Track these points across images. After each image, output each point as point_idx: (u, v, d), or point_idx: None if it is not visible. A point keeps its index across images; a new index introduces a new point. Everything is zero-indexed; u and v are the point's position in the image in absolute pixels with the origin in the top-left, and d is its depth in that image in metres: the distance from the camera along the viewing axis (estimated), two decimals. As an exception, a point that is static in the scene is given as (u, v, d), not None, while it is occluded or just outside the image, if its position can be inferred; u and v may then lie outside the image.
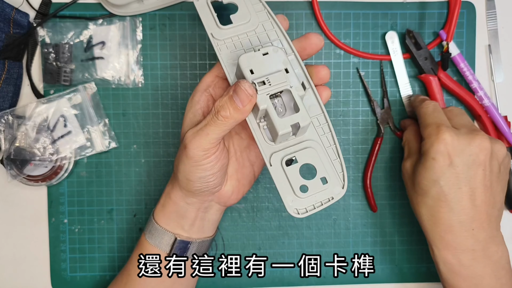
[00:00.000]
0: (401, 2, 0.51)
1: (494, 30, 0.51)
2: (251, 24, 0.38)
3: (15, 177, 0.48)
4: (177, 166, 0.39)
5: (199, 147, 0.36)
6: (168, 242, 0.42)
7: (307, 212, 0.35)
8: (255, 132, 0.36)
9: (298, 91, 0.35)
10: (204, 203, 0.41)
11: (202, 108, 0.39)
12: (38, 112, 0.48)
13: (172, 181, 0.42)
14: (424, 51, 0.49)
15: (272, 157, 0.36)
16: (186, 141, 0.36)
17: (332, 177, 0.36)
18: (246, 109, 0.34)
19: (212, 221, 0.44)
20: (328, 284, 0.52)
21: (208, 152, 0.36)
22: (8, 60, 0.48)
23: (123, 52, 0.49)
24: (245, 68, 0.35)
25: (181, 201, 0.41)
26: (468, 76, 0.50)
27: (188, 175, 0.38)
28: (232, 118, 0.34)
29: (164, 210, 0.42)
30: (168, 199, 0.42)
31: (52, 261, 0.51)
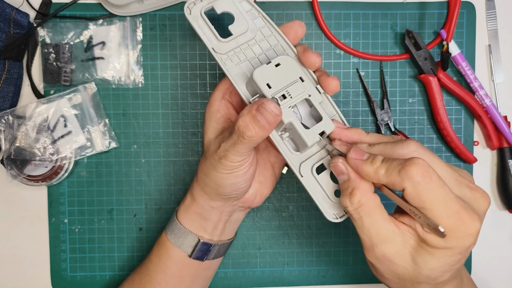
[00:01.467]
0: (401, 2, 0.51)
1: (494, 30, 0.51)
2: (250, 33, 0.38)
3: (16, 177, 0.48)
4: (208, 173, 0.38)
5: (233, 160, 0.36)
6: (190, 243, 0.42)
7: (345, 215, 0.36)
8: (280, 145, 0.36)
9: (317, 98, 0.35)
10: (229, 207, 0.42)
11: (224, 116, 0.39)
12: (38, 112, 0.48)
13: (197, 183, 0.41)
14: (423, 51, 0.49)
15: (301, 168, 0.36)
16: (221, 154, 0.36)
17: None
18: (271, 126, 0.34)
19: (234, 223, 0.44)
20: (328, 284, 0.52)
21: (244, 161, 0.37)
22: (9, 60, 0.48)
23: (123, 52, 0.49)
24: (262, 83, 0.34)
25: (205, 204, 0.41)
26: (469, 76, 0.50)
27: (220, 181, 0.38)
28: (258, 136, 0.34)
29: (187, 211, 0.42)
30: (193, 200, 0.42)
31: (52, 261, 0.51)
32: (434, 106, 0.50)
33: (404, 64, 0.51)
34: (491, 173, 0.52)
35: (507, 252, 0.53)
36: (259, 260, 0.52)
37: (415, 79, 0.51)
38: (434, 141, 0.52)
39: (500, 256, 0.53)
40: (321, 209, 0.36)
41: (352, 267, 0.52)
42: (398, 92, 0.51)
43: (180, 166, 0.51)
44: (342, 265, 0.52)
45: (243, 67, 0.37)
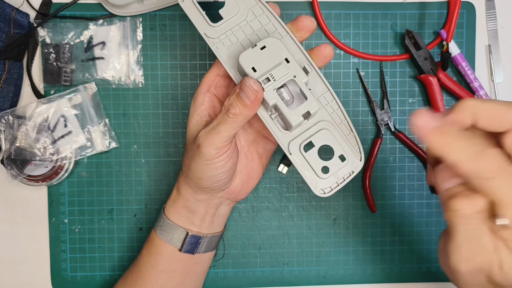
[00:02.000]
0: (401, 2, 0.51)
1: (494, 30, 0.51)
2: (241, 15, 0.38)
3: (16, 177, 0.48)
4: (189, 165, 0.39)
5: (211, 145, 0.36)
6: (179, 237, 0.42)
7: (332, 190, 0.37)
8: (269, 125, 0.37)
9: (302, 79, 0.36)
10: (214, 200, 0.42)
11: (208, 109, 0.40)
12: (38, 112, 0.48)
13: (182, 177, 0.42)
14: (423, 51, 0.49)
15: (290, 146, 0.37)
16: (199, 140, 0.37)
17: (349, 153, 0.37)
18: (254, 105, 0.35)
19: (221, 217, 0.44)
20: (328, 284, 0.52)
21: (220, 151, 0.37)
22: (9, 60, 0.48)
23: (123, 52, 0.49)
24: (247, 67, 0.35)
25: (191, 197, 0.41)
26: (469, 76, 0.50)
27: (200, 174, 0.38)
28: (242, 115, 0.35)
29: (174, 206, 0.43)
30: (179, 194, 0.42)
31: (52, 261, 0.51)
32: (434, 106, 0.50)
33: (404, 64, 0.51)
34: (491, 173, 0.52)
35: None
36: (259, 260, 0.52)
37: (415, 79, 0.51)
38: (434, 141, 0.52)
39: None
40: (309, 185, 0.37)
41: (352, 267, 0.52)
42: (398, 92, 0.51)
43: (180, 166, 0.51)
44: (342, 265, 0.52)
45: (234, 49, 0.37)
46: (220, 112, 0.36)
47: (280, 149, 0.51)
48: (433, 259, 0.52)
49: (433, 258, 0.52)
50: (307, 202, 0.52)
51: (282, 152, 0.51)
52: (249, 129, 0.43)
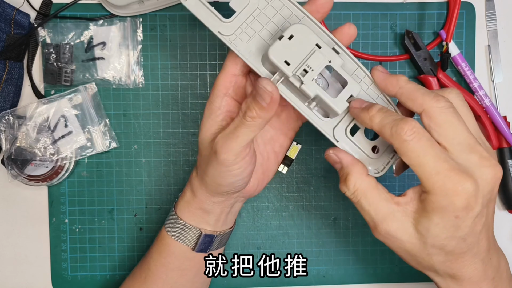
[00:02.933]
0: (400, 2, 0.51)
1: (493, 31, 0.52)
2: (252, 4, 0.35)
3: (16, 177, 0.48)
4: (205, 170, 0.38)
5: (230, 151, 0.34)
6: (192, 237, 0.42)
7: (385, 167, 0.37)
8: (309, 116, 0.36)
9: (337, 62, 0.34)
10: (230, 200, 0.42)
11: (224, 114, 0.37)
12: (39, 112, 0.48)
13: (197, 180, 0.41)
14: (423, 51, 0.50)
15: (335, 133, 0.36)
16: (217, 146, 0.35)
17: None
18: (270, 106, 0.33)
19: (234, 213, 0.44)
20: (328, 284, 0.52)
21: (239, 157, 0.35)
22: (9, 61, 0.48)
23: (123, 52, 0.49)
24: (279, 62, 0.33)
25: (207, 200, 0.41)
26: (468, 76, 0.50)
27: (218, 180, 0.37)
28: (259, 117, 0.33)
29: (189, 207, 0.42)
30: (194, 196, 0.41)
31: (52, 260, 0.51)
32: (434, 106, 0.50)
33: (404, 64, 0.51)
34: (490, 173, 0.53)
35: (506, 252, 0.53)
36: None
37: (414, 79, 0.51)
38: (434, 141, 0.52)
39: (499, 256, 0.53)
40: None
41: (352, 267, 0.52)
42: (398, 92, 0.51)
43: (180, 166, 0.51)
44: (342, 265, 0.52)
45: (253, 43, 0.35)
46: (237, 115, 0.35)
47: (280, 149, 0.51)
48: (432, 259, 0.52)
49: (433, 258, 0.52)
50: (307, 202, 0.52)
51: (282, 152, 0.51)
52: (266, 127, 0.39)
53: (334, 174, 0.52)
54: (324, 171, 0.51)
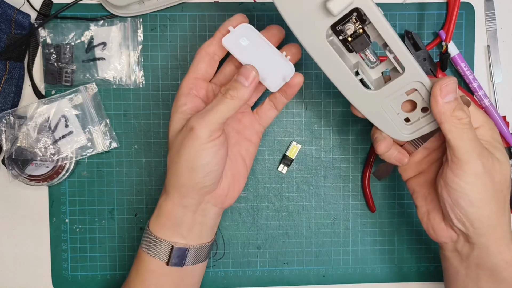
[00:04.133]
0: (400, 3, 0.51)
1: (493, 31, 0.52)
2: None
3: (17, 177, 0.48)
4: (177, 161, 0.39)
5: (206, 126, 0.38)
6: (165, 251, 0.42)
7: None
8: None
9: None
10: (201, 205, 0.41)
11: (191, 109, 0.41)
12: (39, 112, 0.48)
13: (165, 190, 0.42)
14: (423, 51, 0.50)
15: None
16: (193, 123, 0.38)
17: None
18: (251, 86, 0.38)
19: (210, 226, 0.44)
20: (328, 284, 0.52)
21: (214, 134, 0.38)
22: (10, 61, 0.48)
23: (124, 52, 0.49)
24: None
25: (177, 207, 0.41)
26: (468, 76, 0.50)
27: (193, 162, 0.38)
28: (238, 96, 0.38)
29: (159, 221, 0.42)
30: (164, 209, 0.42)
31: (53, 260, 0.51)
32: (433, 106, 0.50)
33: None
34: (490, 173, 0.53)
35: (506, 251, 0.53)
36: (259, 259, 0.52)
37: (414, 79, 0.51)
38: (433, 141, 0.52)
39: (499, 256, 0.53)
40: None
41: (352, 267, 0.52)
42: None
43: (180, 166, 0.51)
44: (342, 265, 0.52)
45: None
46: (215, 97, 0.39)
47: (280, 148, 0.51)
48: (432, 259, 0.53)
49: (433, 257, 0.53)
50: (307, 202, 0.52)
51: (281, 152, 0.51)
52: (231, 132, 0.44)
53: (334, 174, 0.52)
54: (324, 171, 0.52)
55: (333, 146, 0.51)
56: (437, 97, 0.37)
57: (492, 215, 0.38)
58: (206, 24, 0.50)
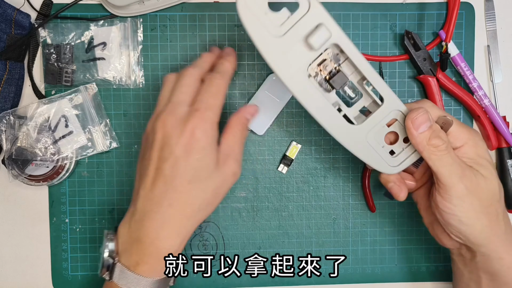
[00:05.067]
0: (400, 3, 0.51)
1: (493, 31, 0.52)
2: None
3: (17, 177, 0.48)
4: (214, 201, 0.41)
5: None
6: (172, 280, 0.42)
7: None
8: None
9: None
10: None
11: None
12: (39, 112, 0.48)
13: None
14: (423, 52, 0.50)
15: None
16: (238, 169, 0.41)
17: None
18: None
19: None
20: (328, 284, 0.52)
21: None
22: (10, 61, 0.48)
23: (124, 53, 0.49)
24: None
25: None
26: (468, 76, 0.50)
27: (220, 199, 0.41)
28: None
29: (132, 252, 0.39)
30: (181, 247, 0.40)
31: (53, 260, 0.51)
32: (433, 106, 0.50)
33: (403, 64, 0.51)
34: (490, 173, 0.53)
35: (506, 251, 0.53)
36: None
37: (414, 79, 0.51)
38: (433, 141, 0.52)
39: (499, 256, 0.53)
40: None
41: (351, 267, 0.52)
42: (397, 93, 0.51)
43: (180, 166, 0.51)
44: (342, 264, 0.52)
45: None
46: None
47: (280, 148, 0.51)
48: (432, 259, 0.53)
49: (433, 258, 0.53)
50: (307, 202, 0.52)
51: (281, 152, 0.51)
52: None
53: (334, 174, 0.52)
54: (324, 171, 0.52)
55: (333, 146, 0.51)
56: (411, 129, 0.38)
57: (484, 229, 0.39)
58: (206, 24, 0.50)
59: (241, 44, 0.50)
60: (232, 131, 0.41)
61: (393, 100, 0.39)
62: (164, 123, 0.38)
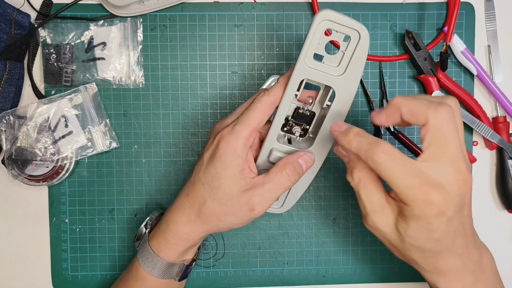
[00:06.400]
0: (400, 3, 0.51)
1: (493, 31, 0.52)
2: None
3: (17, 177, 0.48)
4: (256, 214, 0.39)
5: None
6: (178, 271, 0.43)
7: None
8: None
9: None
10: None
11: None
12: (39, 112, 0.48)
13: (199, 217, 0.40)
14: (423, 51, 0.50)
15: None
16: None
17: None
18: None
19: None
20: (328, 284, 0.52)
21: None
22: (10, 61, 0.48)
23: (124, 52, 0.49)
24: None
25: (199, 234, 0.41)
26: (481, 66, 0.50)
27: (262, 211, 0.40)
28: (295, 177, 0.40)
29: (166, 238, 0.42)
30: (181, 230, 0.41)
31: (53, 260, 0.51)
32: (434, 106, 0.50)
33: (404, 64, 0.51)
34: (490, 173, 0.53)
35: (506, 252, 0.53)
36: (259, 259, 0.52)
37: (414, 79, 0.51)
38: (434, 141, 0.52)
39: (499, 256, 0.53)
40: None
41: (351, 267, 0.52)
42: (398, 93, 0.51)
43: (180, 166, 0.51)
44: (342, 264, 0.52)
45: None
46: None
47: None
48: (432, 259, 0.52)
49: (433, 257, 0.52)
50: (307, 202, 0.52)
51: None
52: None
53: (334, 174, 0.52)
54: (324, 171, 0.52)
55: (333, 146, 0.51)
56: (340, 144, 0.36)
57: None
58: (206, 24, 0.50)
59: (241, 44, 0.50)
60: (278, 169, 0.39)
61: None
62: (213, 128, 0.42)
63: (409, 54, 0.50)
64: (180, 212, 0.41)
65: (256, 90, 0.50)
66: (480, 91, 0.52)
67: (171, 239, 0.41)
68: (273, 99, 0.39)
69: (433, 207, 0.33)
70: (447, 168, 0.33)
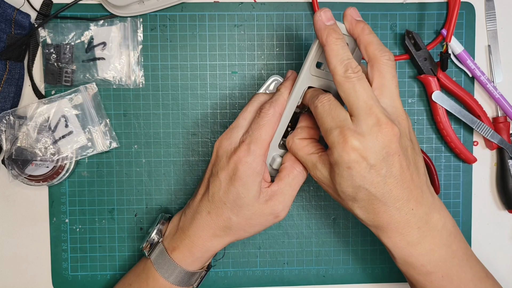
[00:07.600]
0: (400, 3, 0.51)
1: (493, 31, 0.52)
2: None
3: (17, 177, 0.48)
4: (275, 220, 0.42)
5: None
6: (197, 278, 0.45)
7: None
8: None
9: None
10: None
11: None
12: (39, 112, 0.48)
13: (228, 229, 0.42)
14: (423, 51, 0.50)
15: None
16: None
17: None
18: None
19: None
20: (328, 284, 0.52)
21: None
22: (10, 61, 0.48)
23: (124, 52, 0.49)
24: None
25: (220, 245, 0.43)
26: (478, 70, 0.50)
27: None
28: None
29: (187, 247, 0.43)
30: (205, 243, 0.42)
31: (53, 260, 0.51)
32: (434, 106, 0.50)
33: (404, 64, 0.51)
34: (490, 173, 0.53)
35: (506, 252, 0.53)
36: (259, 259, 0.52)
37: (414, 79, 0.51)
38: (434, 141, 0.52)
39: (499, 256, 0.53)
40: None
41: (351, 267, 0.52)
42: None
43: (180, 166, 0.51)
44: (342, 264, 0.52)
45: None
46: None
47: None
48: (432, 259, 0.52)
49: (433, 257, 0.52)
50: (307, 202, 0.52)
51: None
52: None
53: (334, 174, 0.52)
54: (324, 171, 0.52)
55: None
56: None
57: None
58: (206, 24, 0.50)
59: (241, 44, 0.50)
60: (288, 171, 0.41)
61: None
62: (220, 144, 0.42)
63: (409, 54, 0.50)
64: (204, 229, 0.42)
65: (256, 90, 0.50)
66: (480, 91, 0.52)
67: (197, 253, 0.42)
68: (280, 110, 0.40)
69: (351, 151, 0.35)
70: (365, 119, 0.35)
